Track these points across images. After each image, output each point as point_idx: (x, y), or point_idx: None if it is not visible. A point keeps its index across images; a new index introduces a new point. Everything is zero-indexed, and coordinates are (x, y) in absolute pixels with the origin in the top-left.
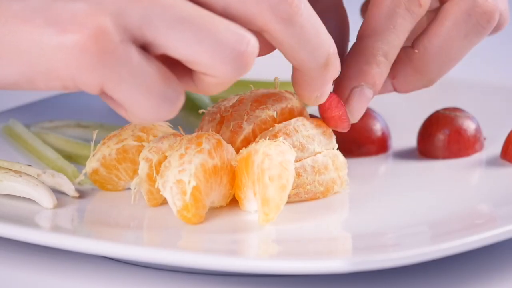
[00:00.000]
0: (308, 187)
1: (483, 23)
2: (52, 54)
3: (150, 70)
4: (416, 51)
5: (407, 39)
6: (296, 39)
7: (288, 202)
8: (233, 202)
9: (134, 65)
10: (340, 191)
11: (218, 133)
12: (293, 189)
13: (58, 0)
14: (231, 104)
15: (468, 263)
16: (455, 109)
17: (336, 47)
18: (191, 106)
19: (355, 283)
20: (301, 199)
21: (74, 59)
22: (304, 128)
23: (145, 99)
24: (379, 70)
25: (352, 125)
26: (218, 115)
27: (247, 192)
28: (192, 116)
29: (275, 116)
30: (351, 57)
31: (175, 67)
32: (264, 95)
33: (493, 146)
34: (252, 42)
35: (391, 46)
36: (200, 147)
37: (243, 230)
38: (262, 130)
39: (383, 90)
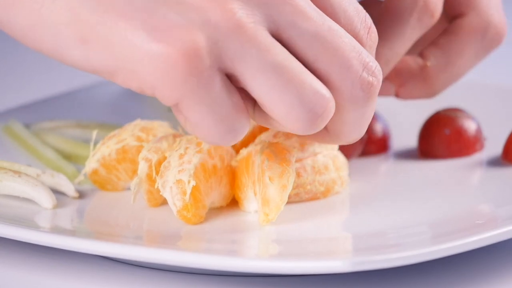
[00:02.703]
0: (309, 187)
1: (493, 44)
2: (140, 58)
3: (227, 101)
4: (428, 63)
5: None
6: (359, 115)
7: (288, 202)
8: (233, 202)
9: (215, 92)
10: (340, 191)
11: None
12: (293, 189)
13: (163, 6)
14: None
15: (468, 263)
16: (455, 110)
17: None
18: None
19: (355, 283)
20: (301, 199)
21: (160, 70)
22: None
23: (214, 126)
24: None
25: None
26: None
27: (247, 193)
28: None
29: None
30: None
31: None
32: None
33: (494, 146)
34: (330, 106)
35: (394, 54)
36: (200, 147)
37: (243, 230)
38: (262, 131)
39: (384, 93)
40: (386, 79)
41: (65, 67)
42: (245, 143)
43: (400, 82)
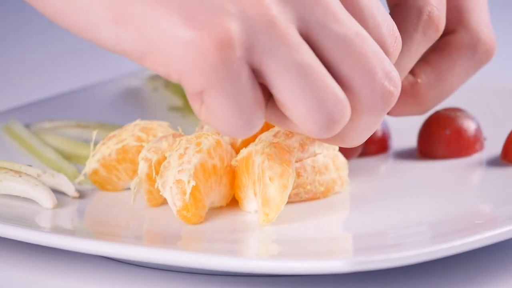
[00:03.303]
0: (309, 187)
1: (483, 60)
2: (172, 43)
3: (250, 94)
4: (419, 81)
5: None
6: (371, 123)
7: (288, 202)
8: (233, 202)
9: (241, 84)
10: (340, 191)
11: (218, 133)
12: (293, 189)
13: None
14: None
15: (468, 263)
16: (455, 109)
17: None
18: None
19: (355, 283)
20: (301, 199)
21: (192, 57)
22: None
23: (233, 117)
24: None
25: None
26: None
27: (247, 192)
28: (192, 116)
29: None
30: None
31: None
32: None
33: (493, 146)
34: (347, 114)
35: (402, 69)
36: (199, 147)
37: (243, 230)
38: (263, 131)
39: None
40: None
41: (65, 66)
42: (245, 143)
43: None
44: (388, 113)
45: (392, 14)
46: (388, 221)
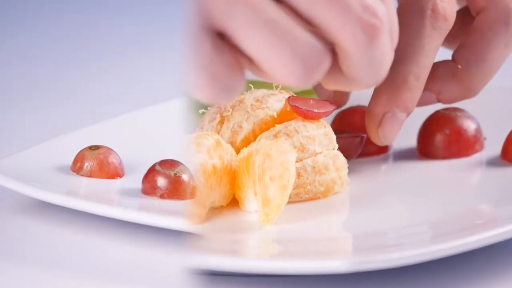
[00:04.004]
0: (309, 187)
1: None
2: None
3: (219, 60)
4: (459, 66)
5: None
6: (368, 58)
7: (288, 202)
8: (233, 202)
9: (206, 54)
10: (340, 191)
11: (218, 133)
12: (293, 189)
13: None
14: (231, 104)
15: (468, 263)
16: (455, 109)
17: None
18: (191, 106)
19: (355, 283)
20: (301, 199)
21: None
22: (304, 129)
23: (207, 86)
24: (411, 94)
25: (353, 125)
26: (218, 115)
27: (247, 192)
28: (192, 116)
29: (275, 116)
30: (382, 83)
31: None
32: (264, 96)
33: (493, 146)
34: (324, 59)
35: (422, 68)
36: (199, 147)
37: (243, 230)
38: (263, 130)
39: (427, 103)
40: (424, 89)
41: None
42: (246, 142)
43: (437, 90)
44: (440, 101)
45: (398, 14)
46: (388, 221)
